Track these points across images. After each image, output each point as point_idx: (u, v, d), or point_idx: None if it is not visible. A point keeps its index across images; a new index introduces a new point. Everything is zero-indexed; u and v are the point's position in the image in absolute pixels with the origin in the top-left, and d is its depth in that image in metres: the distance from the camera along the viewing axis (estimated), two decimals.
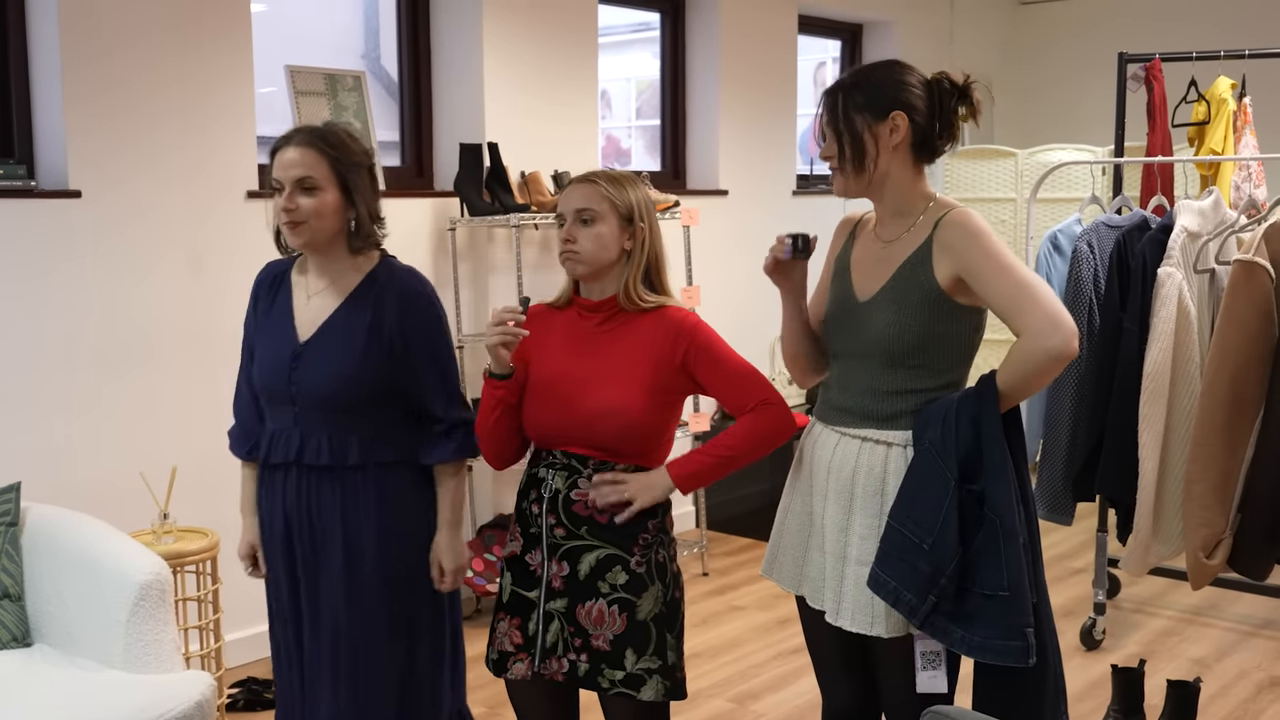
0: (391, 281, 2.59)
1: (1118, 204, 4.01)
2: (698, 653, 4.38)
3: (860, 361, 2.41)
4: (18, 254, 3.66)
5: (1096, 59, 7.01)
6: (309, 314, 2.60)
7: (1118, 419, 3.45)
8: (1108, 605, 4.73)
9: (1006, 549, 2.25)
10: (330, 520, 2.58)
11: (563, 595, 2.50)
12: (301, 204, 2.51)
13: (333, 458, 2.56)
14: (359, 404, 2.55)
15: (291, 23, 4.88)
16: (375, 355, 2.54)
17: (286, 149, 2.54)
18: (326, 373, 2.53)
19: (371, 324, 2.54)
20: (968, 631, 2.27)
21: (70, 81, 3.75)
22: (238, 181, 4.17)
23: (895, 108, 2.35)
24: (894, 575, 2.29)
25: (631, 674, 2.46)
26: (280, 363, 2.57)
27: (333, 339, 2.55)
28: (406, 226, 4.73)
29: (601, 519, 2.49)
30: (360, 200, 2.56)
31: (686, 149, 6.23)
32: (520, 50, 5.04)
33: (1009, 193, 7.10)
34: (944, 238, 2.32)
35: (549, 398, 2.52)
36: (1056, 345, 2.19)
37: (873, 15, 7.17)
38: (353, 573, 2.58)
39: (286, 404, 2.58)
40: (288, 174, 2.51)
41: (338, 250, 2.59)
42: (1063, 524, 3.70)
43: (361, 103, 4.70)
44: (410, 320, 2.57)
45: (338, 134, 2.57)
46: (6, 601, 3.12)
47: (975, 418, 2.28)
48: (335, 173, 2.53)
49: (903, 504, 2.32)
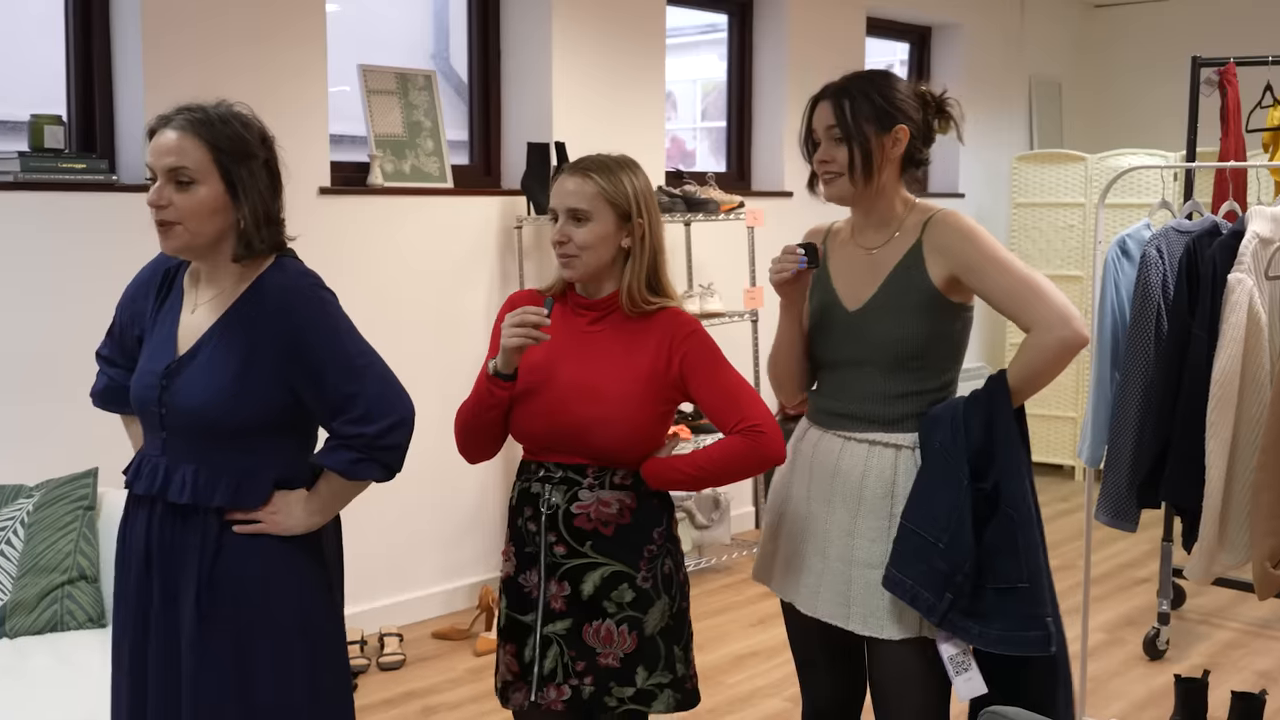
0: (273, 288, 2.16)
1: (1188, 209, 3.97)
2: (754, 652, 4.39)
3: (858, 369, 2.43)
4: (100, 245, 3.77)
5: (1169, 62, 6.92)
6: (190, 327, 2.21)
7: (1185, 426, 3.41)
8: (1173, 616, 4.68)
9: (1025, 541, 2.30)
10: (189, 566, 2.16)
11: (564, 617, 2.36)
12: (174, 200, 2.10)
13: (195, 496, 2.15)
14: (235, 434, 2.15)
15: (364, 23, 4.96)
16: (254, 382, 2.13)
17: (163, 132, 2.13)
18: (194, 398, 2.14)
19: (254, 342, 2.14)
20: (985, 627, 2.31)
21: (151, 80, 3.85)
22: (310, 178, 4.25)
23: (900, 121, 2.40)
24: (911, 575, 2.32)
25: (642, 690, 2.36)
26: (152, 378, 2.19)
27: (204, 359, 2.16)
28: (474, 224, 4.79)
29: (607, 531, 2.35)
30: (246, 199, 2.14)
31: (752, 150, 6.24)
32: (588, 51, 5.09)
33: (1078, 197, 7.03)
34: (935, 238, 2.38)
35: (539, 401, 2.37)
36: (1070, 336, 2.27)
37: (942, 17, 7.13)
38: (207, 637, 2.16)
39: (156, 428, 2.20)
40: (160, 162, 2.11)
41: (223, 257, 2.18)
42: (1127, 531, 3.67)
43: (432, 102, 4.77)
44: (288, 325, 2.14)
45: (225, 117, 2.15)
46: (83, 583, 3.21)
47: (988, 416, 2.32)
48: (217, 164, 2.12)
49: (916, 505, 2.35)
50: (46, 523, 3.25)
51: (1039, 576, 2.30)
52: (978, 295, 2.38)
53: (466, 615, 4.68)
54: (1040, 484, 6.86)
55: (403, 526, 4.53)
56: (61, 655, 3.00)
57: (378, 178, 4.52)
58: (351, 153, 4.71)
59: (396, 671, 4.21)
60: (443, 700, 3.97)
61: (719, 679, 4.17)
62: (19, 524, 3.24)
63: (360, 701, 3.88)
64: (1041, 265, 7.10)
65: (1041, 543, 2.39)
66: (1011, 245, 7.24)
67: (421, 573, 4.71)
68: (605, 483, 2.36)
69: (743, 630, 4.62)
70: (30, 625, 3.12)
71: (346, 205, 4.42)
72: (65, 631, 3.14)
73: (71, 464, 3.48)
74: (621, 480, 2.37)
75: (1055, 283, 7.54)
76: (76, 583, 3.21)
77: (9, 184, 3.61)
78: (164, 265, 2.32)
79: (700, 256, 5.55)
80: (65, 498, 3.31)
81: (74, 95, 3.92)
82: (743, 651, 4.41)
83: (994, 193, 7.56)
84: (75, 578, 3.21)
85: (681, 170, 5.65)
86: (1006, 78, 7.59)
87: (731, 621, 4.72)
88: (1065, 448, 7.14)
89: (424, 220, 4.65)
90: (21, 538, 3.22)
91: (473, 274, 4.82)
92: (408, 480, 2.31)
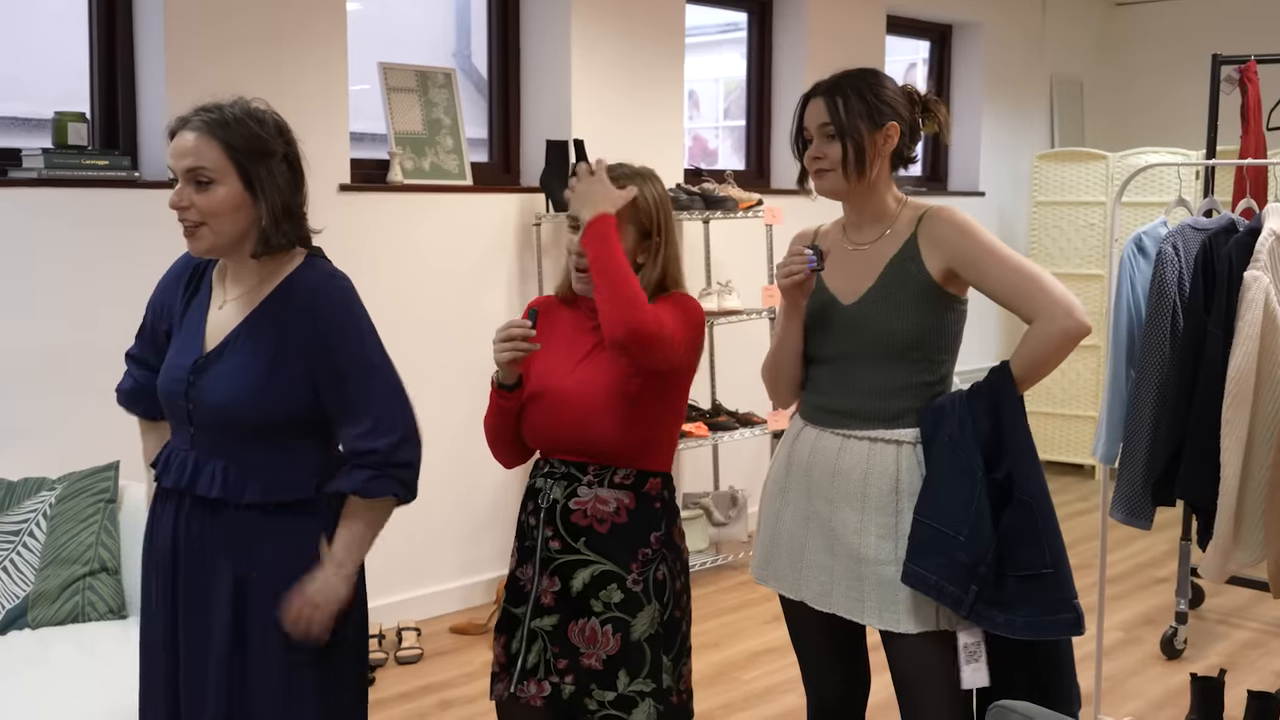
0: (302, 288, 2.20)
1: (1205, 206, 3.96)
2: (770, 648, 4.40)
3: (856, 362, 2.45)
4: (122, 241, 3.81)
5: (1190, 61, 6.88)
6: (218, 323, 2.23)
7: (1200, 423, 3.41)
8: (1190, 615, 4.67)
9: (1046, 527, 2.32)
10: (219, 564, 2.19)
11: (552, 612, 2.36)
12: (195, 200, 2.13)
13: (225, 491, 2.17)
14: (261, 432, 2.17)
15: (385, 21, 5.00)
16: (281, 379, 2.16)
17: (182, 133, 2.16)
18: (223, 393, 2.16)
19: (282, 340, 2.17)
20: (1011, 614, 2.32)
21: (173, 77, 3.89)
22: (331, 175, 4.29)
23: (892, 118, 2.44)
24: (933, 570, 2.33)
25: (623, 695, 2.32)
26: (180, 373, 2.22)
27: (234, 355, 2.18)
28: (493, 221, 4.82)
29: (601, 529, 2.35)
30: (265, 195, 2.16)
31: (771, 148, 6.25)
32: (608, 49, 5.11)
33: (1099, 196, 7.00)
34: (931, 232, 2.41)
35: (543, 400, 2.39)
36: (1073, 325, 2.31)
37: (962, 16, 7.12)
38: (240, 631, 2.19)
39: (184, 422, 2.23)
40: (179, 164, 2.14)
41: (247, 254, 2.20)
42: (1141, 528, 3.66)
43: (452, 100, 4.80)
44: (314, 327, 2.17)
45: (241, 117, 2.17)
46: (105, 575, 3.25)
47: (994, 407, 2.35)
48: (234, 163, 2.14)
49: (929, 499, 2.36)
50: (68, 515, 3.30)
51: (1061, 561, 2.32)
52: (977, 288, 2.41)
53: (484, 610, 4.70)
54: (1058, 483, 6.89)
55: (421, 522, 4.56)
56: (83, 645, 3.04)
57: (398, 175, 4.55)
58: (372, 150, 4.75)
59: (414, 665, 4.24)
60: (459, 694, 4.00)
61: (734, 675, 4.18)
62: (41, 516, 3.29)
63: (377, 695, 3.91)
64: (1062, 264, 7.08)
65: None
66: (1032, 244, 7.22)
67: (440, 568, 4.74)
68: (605, 481, 2.37)
69: (758, 627, 4.63)
70: (52, 616, 3.16)
71: (367, 202, 4.45)
72: (87, 622, 3.18)
73: (93, 457, 3.53)
74: (622, 480, 2.37)
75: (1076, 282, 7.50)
76: (98, 574, 3.25)
77: (33, 180, 3.66)
78: (193, 261, 2.34)
79: (718, 254, 5.57)
80: (87, 490, 3.35)
81: (97, 92, 3.97)
82: (758, 648, 4.43)
83: (1015, 191, 7.54)
84: (97, 569, 3.25)
85: (700, 168, 5.67)
86: (1027, 76, 7.58)
87: (747, 618, 4.73)
88: (1083, 446, 7.12)
89: (443, 217, 4.68)
90: (44, 530, 3.27)
91: (491, 271, 4.85)
92: (426, 476, 2.33)
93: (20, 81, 4.02)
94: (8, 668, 2.90)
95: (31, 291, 3.67)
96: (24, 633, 3.11)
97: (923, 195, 6.75)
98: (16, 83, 4.01)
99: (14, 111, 3.97)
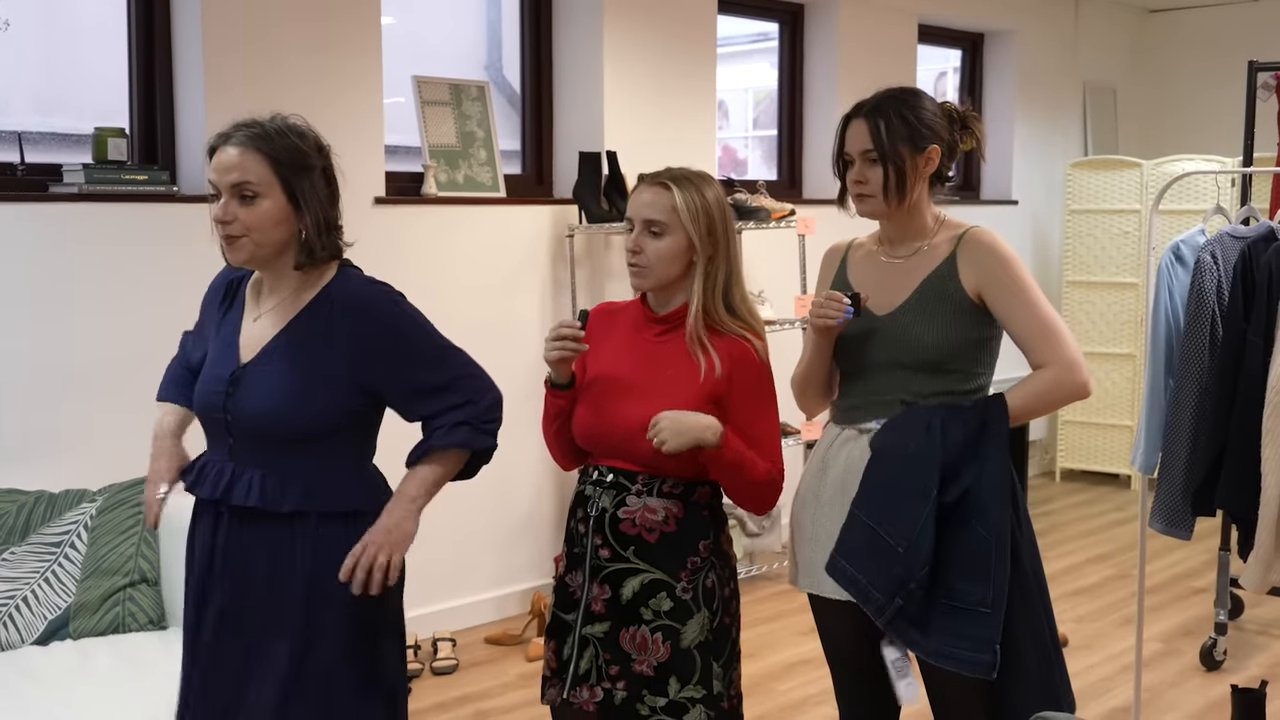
0: (344, 297, 2.23)
1: (1244, 214, 3.93)
2: (805, 660, 4.38)
3: (889, 372, 2.46)
4: (160, 255, 3.85)
5: (1225, 67, 6.84)
6: (254, 335, 2.26)
7: (1240, 433, 3.38)
8: (1230, 626, 4.62)
9: (999, 567, 2.31)
10: (255, 575, 2.21)
11: (603, 619, 2.37)
12: (239, 214, 2.16)
13: (264, 499, 2.19)
14: (302, 440, 2.20)
15: (418, 35, 5.03)
16: (326, 385, 2.20)
17: (224, 149, 2.19)
18: (260, 403, 2.19)
19: (322, 349, 2.20)
20: (926, 638, 2.32)
21: (211, 92, 3.93)
22: (366, 188, 4.31)
23: (933, 141, 2.45)
24: (864, 571, 2.35)
25: (674, 702, 2.34)
26: (217, 385, 2.24)
27: (274, 364, 2.21)
28: (526, 233, 4.84)
29: (650, 538, 2.36)
30: (308, 208, 2.20)
31: (803, 158, 6.25)
32: (640, 60, 5.12)
33: (1133, 204, 6.96)
34: (970, 254, 2.43)
35: (594, 405, 2.41)
36: (1081, 383, 2.37)
37: (995, 24, 7.09)
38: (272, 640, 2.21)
39: (222, 433, 2.25)
40: (224, 179, 2.17)
41: (286, 266, 2.24)
42: (1181, 539, 3.64)
43: (485, 112, 4.82)
44: (369, 330, 2.22)
45: (282, 131, 2.22)
46: (144, 586, 3.28)
47: (977, 435, 2.35)
48: (278, 176, 2.18)
49: (875, 503, 2.37)
50: (109, 527, 3.33)
51: (1000, 603, 2.31)
52: (997, 317, 2.43)
53: (519, 621, 4.71)
54: (1096, 493, 6.84)
55: (457, 532, 4.57)
56: (124, 656, 3.07)
57: (431, 187, 4.58)
58: (406, 163, 4.78)
59: (449, 676, 4.25)
60: (495, 705, 4.01)
61: (770, 686, 4.17)
62: (82, 528, 3.32)
63: (414, 705, 3.92)
64: (1096, 272, 7.04)
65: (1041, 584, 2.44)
66: (1066, 252, 7.18)
67: (475, 578, 4.75)
68: (654, 490, 2.37)
69: (793, 638, 4.62)
70: (94, 627, 3.20)
71: (401, 215, 4.48)
72: (127, 633, 3.22)
73: (133, 469, 3.54)
74: (670, 489, 2.37)
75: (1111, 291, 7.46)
76: (138, 585, 3.28)
77: (73, 195, 3.70)
78: (228, 277, 2.38)
79: (751, 264, 5.53)
80: (127, 502, 3.38)
81: (136, 107, 4.01)
82: (793, 659, 4.41)
83: (1048, 199, 7.51)
84: (137, 580, 3.28)
85: (733, 178, 5.67)
86: (1060, 83, 7.54)
87: (782, 629, 4.72)
88: (1120, 456, 7.06)
89: (477, 229, 4.70)
90: (85, 541, 3.30)
91: (525, 282, 4.86)
92: (462, 485, 2.35)
93: (61, 97, 4.06)
94: (50, 678, 2.93)
95: (73, 305, 3.71)
96: (65, 643, 3.14)
97: (955, 205, 6.73)
98: (57, 98, 4.06)
99: (54, 127, 4.02)
